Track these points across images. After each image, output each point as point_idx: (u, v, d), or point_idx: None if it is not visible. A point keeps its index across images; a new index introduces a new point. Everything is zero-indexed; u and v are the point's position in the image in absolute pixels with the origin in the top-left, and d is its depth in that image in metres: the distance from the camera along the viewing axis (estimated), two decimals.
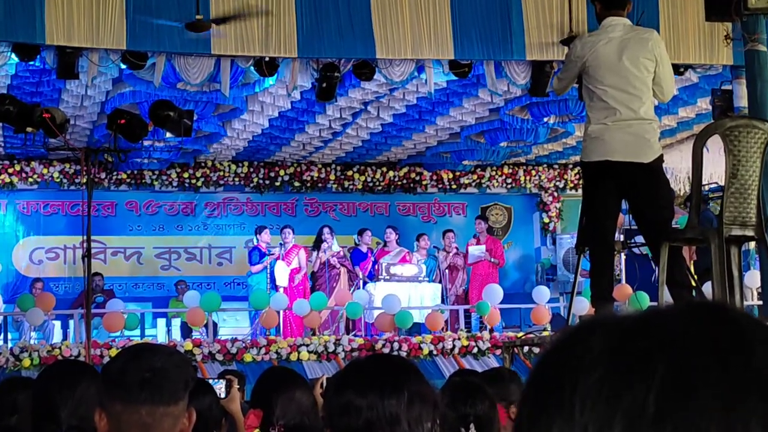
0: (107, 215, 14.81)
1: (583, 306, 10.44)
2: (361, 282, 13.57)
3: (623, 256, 12.33)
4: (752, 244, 11.24)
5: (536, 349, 10.78)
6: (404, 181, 15.73)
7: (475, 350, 11.69)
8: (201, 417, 2.62)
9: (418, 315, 12.49)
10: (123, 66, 9.27)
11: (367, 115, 12.47)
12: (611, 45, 5.48)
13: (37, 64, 9.19)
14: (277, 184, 15.33)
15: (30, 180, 14.34)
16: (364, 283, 13.44)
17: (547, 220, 16.13)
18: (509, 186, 16.04)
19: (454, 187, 15.83)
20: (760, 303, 11.45)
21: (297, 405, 3.59)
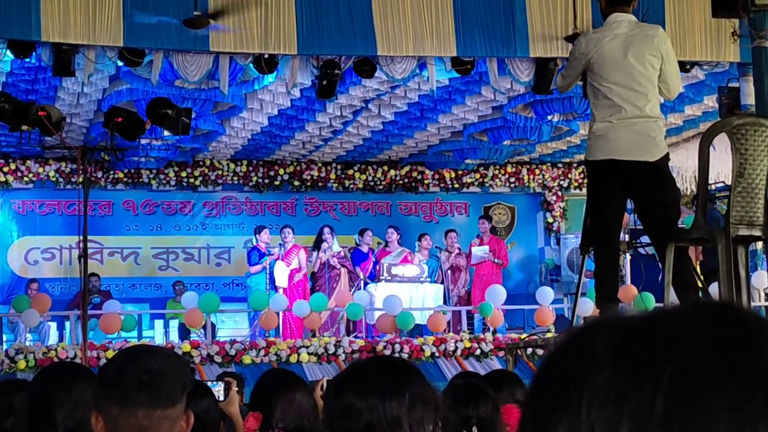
0: (104, 215, 14.82)
1: (588, 307, 10.44)
2: (361, 283, 13.56)
3: (628, 257, 12.32)
4: (759, 244, 11.23)
5: (540, 351, 10.79)
6: (406, 180, 15.73)
7: (478, 352, 11.69)
8: (199, 420, 2.62)
9: (419, 316, 12.49)
10: (120, 63, 9.26)
11: (368, 113, 12.47)
12: (616, 42, 5.48)
13: (32, 61, 9.18)
14: (277, 183, 15.33)
15: (25, 179, 14.34)
16: (365, 284, 13.44)
17: (551, 219, 16.12)
18: (512, 185, 16.03)
19: (456, 186, 15.83)
20: None
21: (297, 408, 3.59)
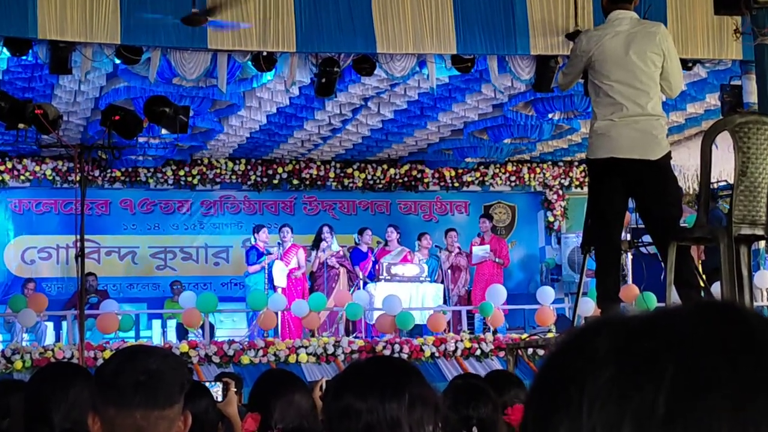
0: (101, 214, 14.81)
1: (589, 307, 10.44)
2: (361, 282, 13.56)
3: (630, 256, 12.33)
4: (762, 244, 11.25)
5: (541, 352, 10.80)
6: (405, 179, 15.73)
7: (478, 352, 11.69)
8: (197, 421, 2.62)
9: (419, 316, 12.49)
10: (117, 61, 9.26)
11: (368, 111, 12.46)
12: (618, 39, 5.48)
13: (29, 58, 9.17)
14: (275, 181, 15.32)
15: (22, 178, 14.33)
16: (365, 284, 13.44)
17: (551, 218, 16.12)
18: (513, 184, 16.03)
19: (456, 185, 15.82)
20: None
21: (295, 408, 3.59)
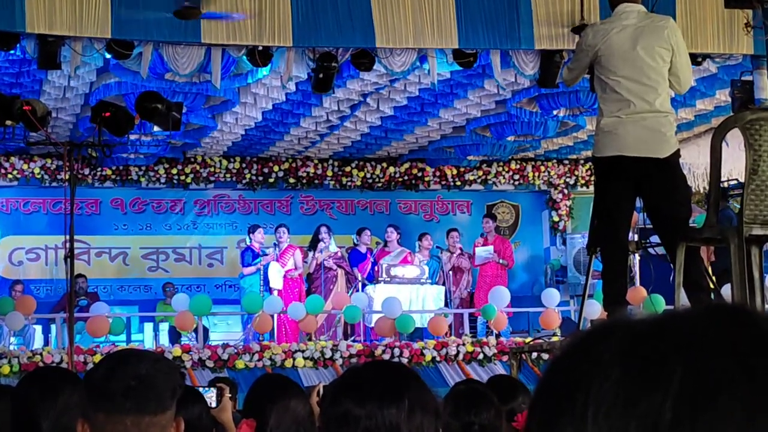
0: (91, 213, 14.81)
1: (595, 309, 10.44)
2: (360, 284, 13.57)
3: (637, 257, 12.33)
4: None
5: (545, 356, 10.81)
6: (405, 178, 15.73)
7: (481, 356, 11.69)
8: (190, 427, 2.62)
9: (420, 319, 12.49)
10: (108, 55, 9.26)
11: (367, 107, 12.47)
12: (625, 33, 5.48)
13: (17, 53, 9.18)
14: (271, 180, 15.33)
15: (9, 176, 14.33)
16: (363, 286, 13.45)
17: (556, 218, 16.12)
18: (517, 182, 16.03)
19: (458, 183, 15.83)
20: None
21: (292, 414, 3.59)
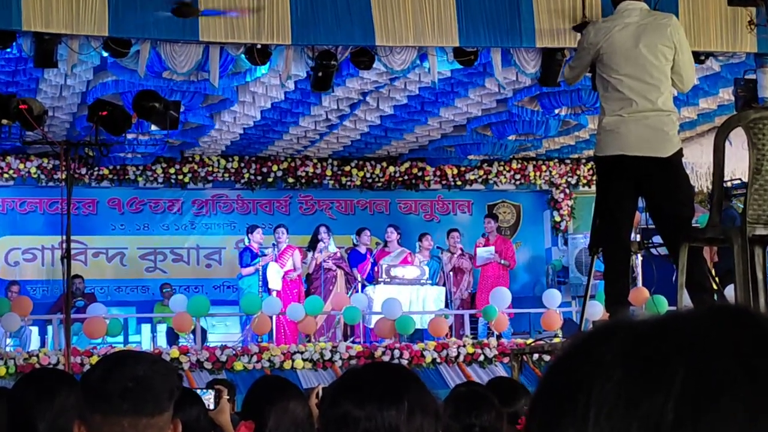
0: (88, 213, 14.81)
1: (597, 310, 10.45)
2: (359, 285, 13.57)
3: (640, 258, 12.33)
4: None
5: (547, 357, 10.82)
6: (406, 177, 15.73)
7: (482, 358, 11.69)
8: (188, 429, 2.62)
9: (420, 320, 12.49)
10: (105, 54, 9.25)
11: (366, 106, 12.46)
12: (627, 31, 5.49)
13: (13, 51, 9.16)
14: (270, 180, 15.33)
15: (5, 176, 14.32)
16: (363, 286, 13.45)
17: (558, 218, 16.12)
18: (518, 182, 16.03)
19: (458, 183, 15.83)
20: None
21: (291, 416, 3.59)
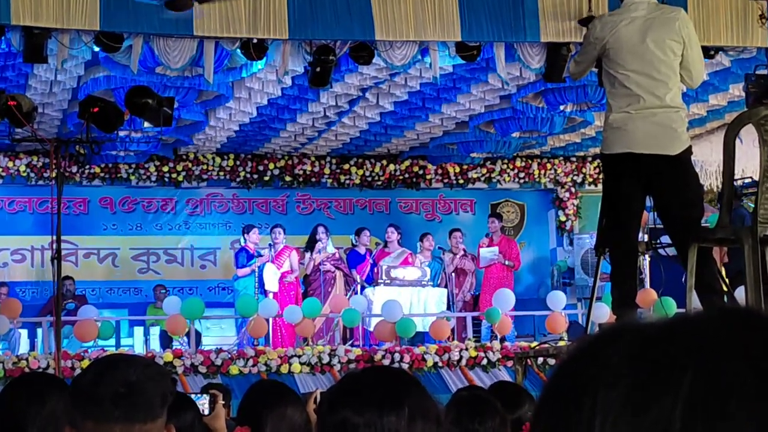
0: (79, 213, 14.81)
1: (604, 313, 10.45)
2: (358, 286, 13.57)
3: (648, 258, 12.33)
4: None
5: (552, 361, 10.81)
6: (406, 176, 15.73)
7: (485, 362, 11.69)
8: None
9: (421, 323, 12.49)
10: (96, 48, 9.25)
11: (366, 102, 12.47)
12: (634, 25, 5.49)
13: (1, 46, 9.17)
14: (266, 178, 15.33)
15: None
16: (362, 288, 13.45)
17: (563, 218, 16.13)
18: (522, 181, 16.04)
19: (461, 182, 15.83)
20: None
21: (288, 422, 3.58)
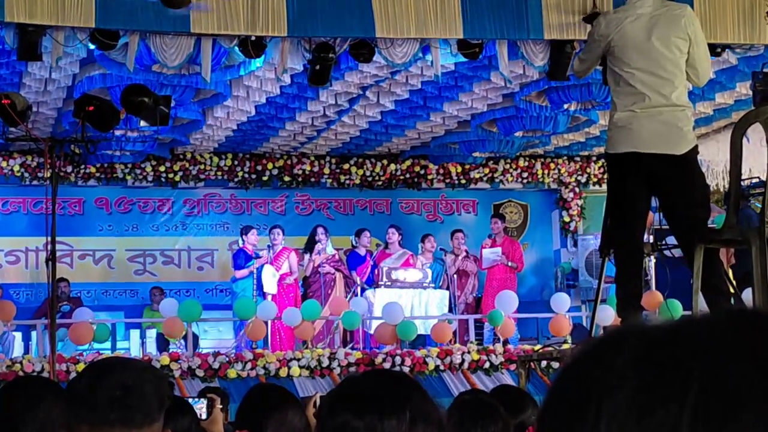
0: (74, 214, 14.81)
1: (608, 315, 10.45)
2: (359, 288, 13.56)
3: (653, 260, 12.32)
4: None
5: (555, 364, 10.81)
6: (407, 176, 15.73)
7: (487, 365, 11.69)
8: None
9: (422, 326, 12.49)
10: (92, 46, 9.25)
11: (366, 101, 12.46)
12: (639, 22, 5.49)
13: None
14: (265, 178, 15.32)
15: None
16: (363, 290, 13.44)
17: (567, 219, 16.12)
18: (525, 181, 16.03)
19: (463, 182, 15.82)
20: None
21: (287, 427, 3.59)
